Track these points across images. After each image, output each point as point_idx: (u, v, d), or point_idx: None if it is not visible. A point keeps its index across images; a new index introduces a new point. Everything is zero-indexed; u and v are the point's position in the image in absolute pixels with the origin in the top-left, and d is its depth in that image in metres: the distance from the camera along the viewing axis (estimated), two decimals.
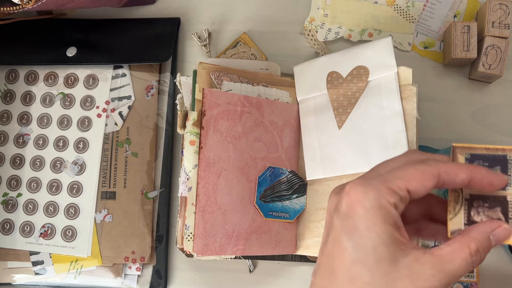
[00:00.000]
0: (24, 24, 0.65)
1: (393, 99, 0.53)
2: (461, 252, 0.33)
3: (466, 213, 0.36)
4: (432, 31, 0.61)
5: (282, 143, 0.56)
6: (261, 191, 0.55)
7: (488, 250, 0.34)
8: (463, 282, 0.56)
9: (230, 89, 0.55)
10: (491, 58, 0.56)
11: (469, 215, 0.36)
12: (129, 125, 0.61)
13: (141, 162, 0.60)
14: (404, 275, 0.32)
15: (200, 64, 0.54)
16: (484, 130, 0.59)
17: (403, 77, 0.54)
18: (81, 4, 0.59)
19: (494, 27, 0.56)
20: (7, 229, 0.61)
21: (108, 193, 0.60)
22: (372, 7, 0.62)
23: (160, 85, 0.63)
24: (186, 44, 0.65)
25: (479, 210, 0.35)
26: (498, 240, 0.34)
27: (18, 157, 0.62)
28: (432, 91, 0.60)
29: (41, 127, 0.63)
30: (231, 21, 0.64)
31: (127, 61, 0.62)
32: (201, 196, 0.51)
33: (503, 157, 0.35)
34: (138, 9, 0.66)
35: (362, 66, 0.55)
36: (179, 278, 0.61)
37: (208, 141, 0.52)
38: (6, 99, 0.64)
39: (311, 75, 0.57)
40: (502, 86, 0.60)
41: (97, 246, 0.59)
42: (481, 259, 0.34)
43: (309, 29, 0.62)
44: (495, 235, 0.34)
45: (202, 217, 0.51)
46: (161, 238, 0.60)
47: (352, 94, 0.55)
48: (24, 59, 0.63)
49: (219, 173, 0.52)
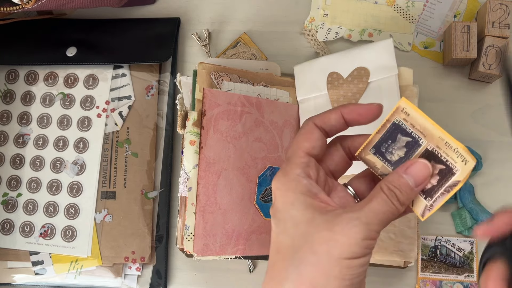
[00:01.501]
0: (24, 24, 0.65)
1: (394, 101, 0.53)
2: (377, 194, 0.34)
3: (384, 161, 0.37)
4: (432, 31, 0.61)
5: (282, 143, 0.57)
6: (261, 191, 0.55)
7: (407, 188, 0.34)
8: (463, 282, 0.56)
9: (230, 89, 0.55)
10: (491, 58, 0.56)
11: (388, 160, 0.37)
12: (129, 125, 0.61)
13: (141, 162, 0.60)
14: (322, 228, 0.33)
15: (200, 64, 0.54)
16: (484, 130, 0.59)
17: (404, 78, 0.54)
18: (81, 4, 0.59)
19: (494, 27, 0.56)
20: (7, 229, 0.61)
21: (108, 193, 0.60)
22: (372, 7, 0.62)
23: (160, 85, 0.63)
24: (186, 44, 0.65)
25: (389, 150, 0.36)
26: (415, 176, 0.35)
27: (18, 157, 0.62)
28: (432, 91, 0.60)
29: (41, 127, 0.63)
30: (231, 21, 0.64)
31: (127, 61, 0.62)
32: (201, 196, 0.51)
33: (394, 125, 0.36)
34: (138, 9, 0.66)
35: (363, 67, 0.55)
36: (179, 278, 0.61)
37: (208, 141, 0.52)
38: (6, 99, 0.64)
39: (311, 75, 0.57)
40: (502, 86, 0.60)
41: (97, 246, 0.59)
42: (399, 199, 0.34)
43: (309, 29, 0.62)
44: (409, 173, 0.35)
45: (202, 217, 0.51)
46: (161, 238, 0.60)
47: (352, 95, 0.55)
48: (24, 59, 0.63)
49: (219, 173, 0.52)
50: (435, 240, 0.57)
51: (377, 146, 0.37)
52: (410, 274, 0.58)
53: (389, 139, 0.36)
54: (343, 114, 0.38)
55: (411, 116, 0.35)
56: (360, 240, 0.33)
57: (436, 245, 0.57)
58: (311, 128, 0.38)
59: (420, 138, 0.35)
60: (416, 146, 0.35)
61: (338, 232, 0.33)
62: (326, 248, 0.33)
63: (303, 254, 0.34)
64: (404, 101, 0.35)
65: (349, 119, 0.38)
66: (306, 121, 0.39)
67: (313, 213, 0.34)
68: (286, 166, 0.37)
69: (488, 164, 0.59)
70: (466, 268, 0.57)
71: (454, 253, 0.57)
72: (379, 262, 0.53)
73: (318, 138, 0.38)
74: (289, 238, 0.35)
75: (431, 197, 0.35)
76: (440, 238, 0.57)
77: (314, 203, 0.35)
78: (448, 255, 0.57)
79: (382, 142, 0.37)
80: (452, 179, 0.34)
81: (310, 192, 0.35)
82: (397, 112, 0.35)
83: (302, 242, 0.34)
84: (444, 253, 0.57)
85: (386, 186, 0.34)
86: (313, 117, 0.38)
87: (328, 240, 0.33)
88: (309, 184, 0.36)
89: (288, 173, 0.36)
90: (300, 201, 0.35)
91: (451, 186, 0.35)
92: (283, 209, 0.35)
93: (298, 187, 0.35)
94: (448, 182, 0.35)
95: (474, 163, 0.33)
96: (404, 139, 0.36)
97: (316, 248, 0.33)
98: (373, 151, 0.37)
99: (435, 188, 0.35)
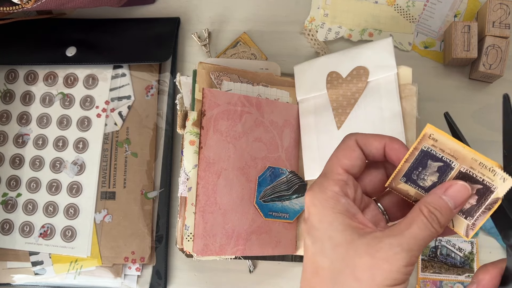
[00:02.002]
0: (24, 24, 0.65)
1: (393, 100, 0.53)
2: (417, 217, 0.33)
3: (417, 187, 0.36)
4: (432, 31, 0.61)
5: (282, 143, 0.56)
6: (261, 191, 0.54)
7: (447, 210, 0.34)
8: (464, 283, 0.56)
9: (230, 89, 0.55)
10: (492, 58, 0.56)
11: (421, 186, 0.36)
12: (129, 125, 0.61)
13: (141, 162, 0.60)
14: (363, 252, 0.33)
15: (200, 64, 0.54)
16: (484, 130, 0.59)
17: (403, 77, 0.54)
18: (81, 4, 0.59)
19: (494, 27, 0.56)
20: (7, 229, 0.61)
21: (108, 193, 0.60)
22: (373, 6, 0.61)
23: (160, 85, 0.62)
24: (186, 44, 0.64)
25: (421, 176, 0.36)
26: (454, 198, 0.34)
27: (18, 157, 0.62)
28: (433, 91, 0.60)
29: (41, 127, 0.62)
30: (231, 21, 0.64)
31: (127, 61, 0.62)
32: (201, 196, 0.51)
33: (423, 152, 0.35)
34: (137, 9, 0.66)
35: (362, 67, 0.55)
36: (179, 278, 0.60)
37: (208, 141, 0.52)
38: (5, 99, 0.64)
39: (311, 75, 0.57)
40: (503, 86, 0.60)
41: (97, 246, 0.59)
42: (440, 222, 0.34)
43: (309, 29, 0.62)
44: (448, 194, 0.34)
45: (202, 217, 0.51)
46: (161, 238, 0.60)
47: (351, 94, 0.55)
48: (24, 59, 0.63)
49: (219, 173, 0.52)
50: (436, 240, 0.57)
51: (407, 175, 0.36)
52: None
53: (419, 166, 0.36)
54: (386, 147, 0.37)
55: (440, 141, 0.35)
56: (402, 267, 0.32)
57: (436, 245, 0.57)
58: (353, 146, 0.37)
59: (452, 161, 0.35)
60: (449, 170, 0.35)
61: (381, 259, 0.32)
62: (369, 275, 0.32)
63: (345, 279, 0.33)
64: (430, 127, 0.35)
65: (389, 154, 0.37)
66: (348, 137, 0.37)
67: (351, 234, 0.33)
68: (323, 181, 0.36)
69: None
70: (467, 269, 0.57)
71: (455, 253, 0.57)
72: None
73: (359, 157, 0.37)
74: (328, 260, 0.34)
75: (472, 216, 0.35)
76: (441, 238, 0.57)
77: (353, 224, 0.34)
78: (448, 255, 0.57)
79: (412, 170, 0.36)
80: (492, 196, 0.35)
81: (348, 212, 0.34)
82: (424, 139, 0.35)
83: (343, 266, 0.33)
84: (444, 253, 0.57)
85: (426, 208, 0.34)
86: (356, 135, 0.37)
87: (371, 267, 0.32)
88: (347, 203, 0.35)
89: (325, 190, 0.35)
90: (339, 222, 0.34)
91: (492, 204, 0.35)
92: (320, 228, 0.34)
93: (336, 206, 0.34)
94: (488, 200, 0.35)
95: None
96: (435, 164, 0.35)
97: (358, 274, 0.33)
98: (404, 179, 0.37)
99: (475, 208, 0.35)
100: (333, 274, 0.33)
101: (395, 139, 0.37)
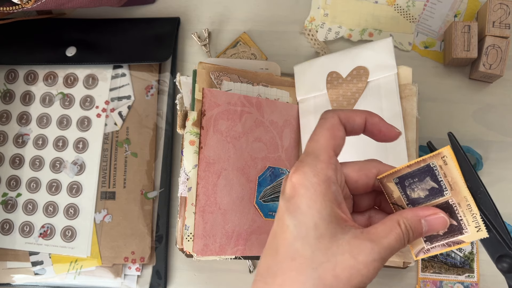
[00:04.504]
0: (24, 24, 0.65)
1: (393, 100, 0.53)
2: (394, 228, 0.34)
3: (403, 194, 0.37)
4: (432, 31, 0.61)
5: (282, 143, 0.56)
6: (261, 191, 0.54)
7: (419, 233, 0.35)
8: (464, 283, 0.56)
9: (230, 89, 0.55)
10: (492, 58, 0.55)
11: (407, 195, 0.37)
12: (129, 125, 0.61)
13: (140, 162, 0.60)
14: (345, 250, 0.33)
15: (200, 64, 0.54)
16: (485, 130, 0.59)
17: (403, 77, 0.54)
18: (81, 4, 0.58)
19: (494, 27, 0.56)
20: (7, 229, 0.61)
21: (108, 193, 0.60)
22: (373, 6, 0.61)
23: (160, 85, 0.62)
24: (186, 44, 0.64)
25: (412, 186, 0.36)
26: (431, 226, 0.35)
27: (18, 157, 0.62)
28: (433, 91, 0.60)
29: (41, 127, 0.62)
30: (231, 21, 0.64)
31: (127, 61, 0.62)
32: (201, 196, 0.51)
33: (427, 167, 0.35)
34: (138, 9, 0.66)
35: (362, 67, 0.55)
36: (179, 279, 0.60)
37: (208, 141, 0.52)
38: (5, 99, 0.64)
39: (311, 75, 0.57)
40: (503, 86, 0.60)
41: (97, 246, 0.59)
42: (411, 239, 0.35)
43: (309, 29, 0.62)
44: (428, 221, 0.35)
45: (202, 217, 0.51)
46: (160, 238, 0.60)
47: (351, 94, 0.55)
48: (24, 59, 0.63)
49: (219, 173, 0.52)
50: None
51: (402, 178, 0.37)
52: (411, 275, 0.57)
53: (417, 177, 0.36)
54: (367, 121, 0.37)
55: (448, 166, 0.35)
56: (376, 272, 0.33)
57: None
58: (338, 124, 0.36)
59: (447, 189, 0.35)
60: (439, 195, 0.36)
61: (361, 263, 0.33)
62: (347, 274, 0.33)
63: (324, 273, 0.33)
64: (449, 150, 0.35)
65: (369, 129, 0.37)
66: (330, 114, 0.37)
67: (335, 228, 0.34)
68: (315, 163, 0.35)
69: (488, 164, 0.58)
70: (467, 269, 0.57)
71: (455, 253, 0.57)
72: None
73: (343, 137, 0.37)
74: (310, 249, 0.33)
75: (431, 243, 0.37)
76: None
77: (338, 216, 0.34)
78: (448, 255, 0.57)
79: (408, 176, 0.36)
80: (459, 237, 0.36)
81: (336, 201, 0.34)
82: (437, 157, 0.35)
83: (323, 260, 0.33)
84: (444, 253, 0.57)
85: (404, 224, 0.34)
86: (338, 112, 0.37)
87: (351, 267, 0.33)
88: (337, 191, 0.35)
89: (319, 173, 0.34)
90: (327, 211, 0.34)
91: (454, 243, 0.36)
92: (307, 213, 0.34)
93: (327, 193, 0.34)
94: (453, 238, 0.36)
95: (486, 236, 0.34)
96: (431, 184, 0.36)
97: (338, 271, 0.33)
98: (396, 180, 0.37)
99: (438, 237, 0.36)
100: (313, 264, 0.33)
101: (374, 114, 0.37)
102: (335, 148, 0.36)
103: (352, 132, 0.37)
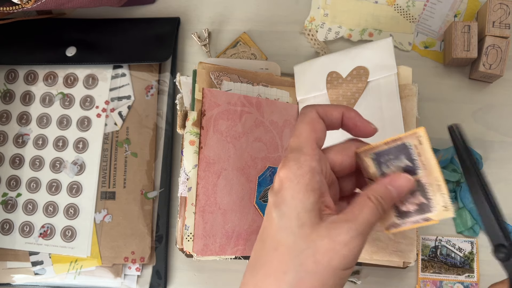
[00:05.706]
0: (24, 24, 0.65)
1: (393, 100, 0.53)
2: (365, 203, 0.36)
3: (379, 169, 0.38)
4: (432, 31, 0.61)
5: (282, 143, 0.56)
6: (261, 191, 0.54)
7: (390, 199, 0.36)
8: (464, 283, 0.56)
9: (230, 89, 0.55)
10: (492, 58, 0.56)
11: (382, 170, 0.38)
12: (129, 125, 0.61)
13: (140, 162, 0.60)
14: (324, 235, 0.34)
15: (200, 64, 0.54)
16: (485, 130, 0.59)
17: (403, 77, 0.54)
18: (81, 4, 0.58)
19: (494, 27, 0.56)
20: (7, 229, 0.61)
21: (108, 193, 0.60)
22: (373, 6, 0.61)
23: (160, 85, 0.62)
24: (186, 44, 0.64)
25: (387, 163, 0.38)
26: (397, 188, 0.36)
27: (18, 157, 0.62)
28: (433, 91, 0.60)
29: (41, 127, 0.62)
30: (231, 21, 0.64)
31: (127, 61, 0.62)
32: (201, 196, 0.51)
33: (403, 145, 0.37)
34: (138, 9, 0.66)
35: (362, 67, 0.55)
36: (179, 279, 0.60)
37: (208, 141, 0.52)
38: (5, 99, 0.64)
39: (311, 75, 0.57)
40: (503, 86, 0.60)
41: (97, 246, 0.59)
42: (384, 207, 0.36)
43: (309, 29, 0.62)
44: (393, 185, 0.36)
45: (202, 217, 0.51)
46: (160, 238, 0.60)
47: (351, 94, 0.55)
48: (24, 59, 0.63)
49: (219, 173, 0.52)
50: (436, 240, 0.57)
51: (378, 154, 0.38)
52: (411, 275, 0.57)
53: (393, 154, 0.37)
54: (344, 116, 0.38)
55: (423, 146, 0.36)
56: (358, 251, 0.34)
57: (436, 245, 0.57)
58: (317, 118, 0.38)
59: (420, 168, 0.36)
60: (412, 174, 0.37)
61: (339, 243, 0.34)
62: (327, 258, 0.34)
63: (305, 260, 0.34)
64: (423, 131, 0.36)
65: (346, 123, 0.39)
66: (309, 109, 0.38)
67: (316, 217, 0.35)
68: (299, 157, 0.36)
69: (488, 164, 0.58)
70: (467, 269, 0.57)
71: (455, 253, 0.57)
72: (378, 263, 0.53)
73: (323, 130, 0.38)
74: (292, 238, 0.35)
75: (402, 218, 0.38)
76: (441, 238, 0.57)
77: (321, 207, 0.35)
78: (448, 255, 0.57)
79: (385, 153, 0.38)
80: (427, 215, 0.37)
81: (319, 191, 0.35)
82: (412, 136, 0.36)
83: (304, 247, 0.34)
84: (444, 253, 0.57)
85: (374, 196, 0.36)
86: (316, 106, 0.38)
87: (329, 251, 0.34)
88: (321, 181, 0.36)
89: (302, 165, 0.35)
90: (310, 201, 0.35)
91: (423, 220, 0.37)
92: (291, 204, 0.35)
93: (311, 183, 0.35)
94: (422, 215, 0.37)
95: (452, 216, 0.36)
96: (405, 162, 0.37)
97: (318, 257, 0.34)
98: (373, 156, 0.38)
99: (409, 214, 0.38)
100: (294, 252, 0.34)
101: (351, 108, 0.39)
102: (317, 140, 0.37)
103: (331, 126, 0.39)
